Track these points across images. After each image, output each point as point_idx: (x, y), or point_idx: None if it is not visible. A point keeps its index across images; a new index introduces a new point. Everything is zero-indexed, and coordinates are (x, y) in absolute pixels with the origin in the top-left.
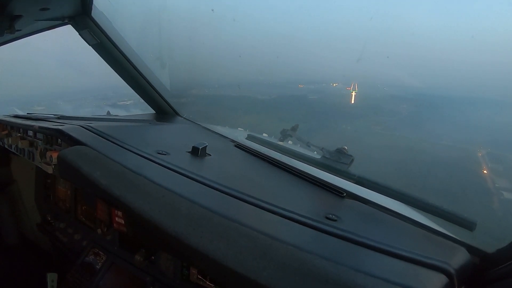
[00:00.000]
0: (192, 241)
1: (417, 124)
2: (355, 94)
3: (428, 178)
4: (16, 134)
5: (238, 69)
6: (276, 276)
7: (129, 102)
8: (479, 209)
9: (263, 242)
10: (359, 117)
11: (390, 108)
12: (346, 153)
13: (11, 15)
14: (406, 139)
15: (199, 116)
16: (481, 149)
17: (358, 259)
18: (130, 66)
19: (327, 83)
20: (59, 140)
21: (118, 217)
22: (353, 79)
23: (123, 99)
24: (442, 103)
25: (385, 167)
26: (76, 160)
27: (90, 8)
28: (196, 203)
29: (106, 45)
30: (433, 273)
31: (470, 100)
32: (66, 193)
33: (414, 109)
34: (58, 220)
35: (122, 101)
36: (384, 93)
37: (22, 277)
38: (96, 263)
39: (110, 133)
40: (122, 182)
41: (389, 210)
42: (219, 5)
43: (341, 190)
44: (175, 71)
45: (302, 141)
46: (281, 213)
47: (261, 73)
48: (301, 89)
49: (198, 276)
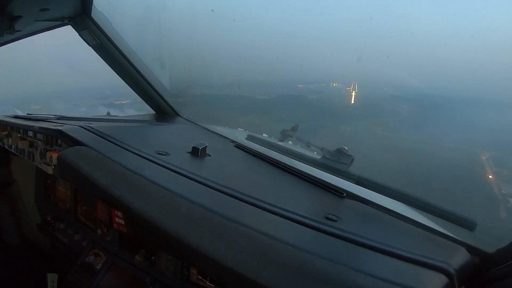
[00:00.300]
0: (192, 241)
1: (418, 124)
2: (355, 94)
3: (430, 182)
4: (16, 134)
5: (237, 69)
6: (276, 276)
7: (126, 101)
8: (487, 217)
9: (263, 242)
10: (359, 118)
11: (391, 108)
12: (346, 153)
13: (11, 15)
14: (407, 141)
15: (197, 115)
16: (485, 151)
17: (358, 260)
18: (130, 66)
19: (327, 83)
20: (59, 140)
21: (118, 217)
22: (353, 79)
23: (119, 98)
24: (443, 104)
25: (386, 170)
26: (76, 160)
27: (90, 9)
28: (196, 203)
29: (106, 45)
30: (433, 273)
31: (472, 101)
32: (66, 194)
33: (415, 110)
34: (58, 221)
35: (118, 100)
36: (384, 93)
37: (22, 278)
38: (96, 263)
39: (110, 133)
40: (122, 183)
41: (389, 210)
42: (218, 5)
43: (341, 191)
44: (174, 70)
45: (302, 142)
46: (281, 214)
47: (261, 72)
48: (301, 89)
49: (198, 276)
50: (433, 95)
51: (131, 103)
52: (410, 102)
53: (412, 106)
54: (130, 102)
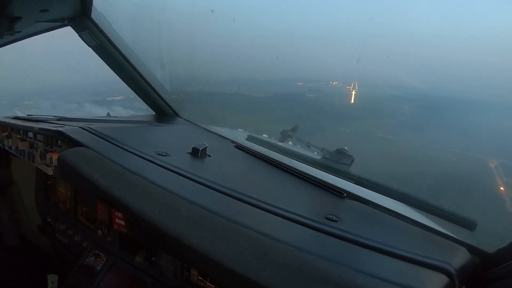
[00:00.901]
0: (193, 242)
1: (420, 127)
2: (355, 93)
3: (438, 195)
4: (16, 135)
5: (236, 67)
6: (276, 277)
7: (118, 98)
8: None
9: (264, 242)
10: (359, 118)
11: (392, 109)
12: (346, 154)
13: (11, 16)
14: (410, 145)
15: (197, 115)
16: (493, 158)
17: (358, 260)
18: (130, 67)
19: (326, 82)
20: (59, 141)
21: (118, 218)
22: (353, 77)
23: (113, 95)
24: (446, 105)
25: (389, 177)
26: (76, 161)
27: (90, 10)
28: (196, 204)
29: (106, 46)
30: (433, 273)
31: (477, 103)
32: (66, 194)
33: (417, 111)
34: (58, 222)
35: (110, 97)
36: (385, 93)
37: (22, 279)
38: (97, 264)
39: (110, 134)
40: (122, 183)
41: (390, 211)
42: (218, 4)
43: (341, 191)
44: (174, 71)
45: (302, 142)
46: (282, 214)
47: (260, 71)
48: (300, 87)
49: (198, 277)
50: (435, 95)
51: (123, 100)
52: (411, 103)
53: (413, 107)
54: (122, 99)
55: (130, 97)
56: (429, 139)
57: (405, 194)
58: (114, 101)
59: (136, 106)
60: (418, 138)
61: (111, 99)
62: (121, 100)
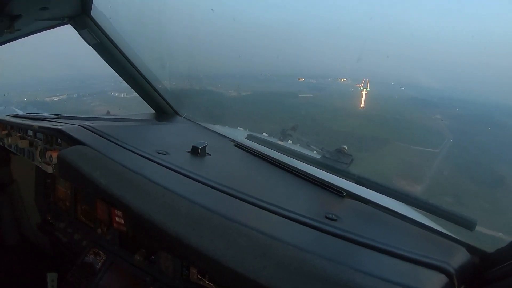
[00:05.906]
0: (192, 240)
1: (469, 147)
2: (366, 93)
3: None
4: (16, 133)
5: (234, 65)
6: (275, 276)
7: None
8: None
9: (263, 241)
10: (381, 142)
11: (420, 116)
12: (346, 153)
13: (11, 14)
14: (471, 182)
15: (193, 111)
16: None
17: (358, 259)
18: (130, 66)
19: (334, 78)
20: (59, 139)
21: (118, 216)
22: (363, 74)
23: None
24: (484, 113)
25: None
26: (76, 159)
27: (90, 8)
28: (196, 203)
29: (106, 45)
30: (433, 273)
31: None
32: (66, 193)
33: (454, 122)
34: (58, 220)
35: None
36: (402, 94)
37: (22, 277)
38: (96, 262)
39: (110, 132)
40: (122, 182)
41: (389, 210)
42: (218, 4)
43: (341, 190)
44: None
45: (302, 141)
46: (281, 213)
47: (262, 64)
48: (296, 84)
49: (198, 275)
50: (460, 99)
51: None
52: (439, 109)
53: (448, 116)
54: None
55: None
56: (489, 165)
57: (405, 193)
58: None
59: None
60: (474, 167)
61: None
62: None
